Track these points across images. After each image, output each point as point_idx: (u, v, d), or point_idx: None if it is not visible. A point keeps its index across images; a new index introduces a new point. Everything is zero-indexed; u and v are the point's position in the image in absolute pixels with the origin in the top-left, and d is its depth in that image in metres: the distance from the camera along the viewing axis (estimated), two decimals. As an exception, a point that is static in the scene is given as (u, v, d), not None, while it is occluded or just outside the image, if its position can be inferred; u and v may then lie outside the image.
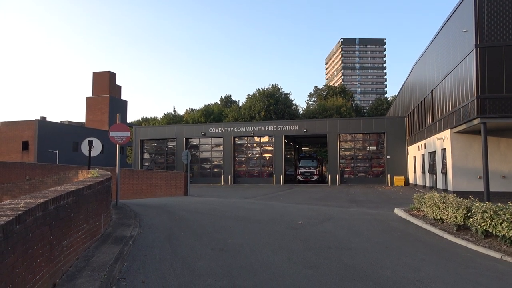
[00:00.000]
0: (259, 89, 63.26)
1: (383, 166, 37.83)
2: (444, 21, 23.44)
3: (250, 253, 7.57)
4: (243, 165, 42.28)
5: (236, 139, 41.86)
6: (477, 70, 18.17)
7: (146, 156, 45.51)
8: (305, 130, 39.22)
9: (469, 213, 9.45)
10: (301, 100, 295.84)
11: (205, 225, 10.49)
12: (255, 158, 42.47)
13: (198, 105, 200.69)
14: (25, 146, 47.75)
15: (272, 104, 59.46)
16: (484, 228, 8.76)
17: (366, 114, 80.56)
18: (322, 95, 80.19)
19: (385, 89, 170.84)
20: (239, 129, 41.45)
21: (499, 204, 8.80)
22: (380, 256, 7.60)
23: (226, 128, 41.80)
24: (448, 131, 22.18)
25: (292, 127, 40.03)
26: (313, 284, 5.82)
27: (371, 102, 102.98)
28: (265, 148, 42.09)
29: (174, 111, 74.92)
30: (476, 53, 18.25)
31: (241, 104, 69.78)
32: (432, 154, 26.77)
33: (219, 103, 75.25)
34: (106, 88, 63.67)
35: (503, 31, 18.21)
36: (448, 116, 22.62)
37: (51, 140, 48.86)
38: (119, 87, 67.67)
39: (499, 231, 8.27)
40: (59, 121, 63.13)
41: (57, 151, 48.35)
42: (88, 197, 6.79)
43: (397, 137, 37.13)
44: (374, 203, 20.25)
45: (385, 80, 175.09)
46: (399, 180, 35.55)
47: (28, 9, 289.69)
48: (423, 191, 25.97)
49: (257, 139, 42.04)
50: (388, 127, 37.60)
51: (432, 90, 26.54)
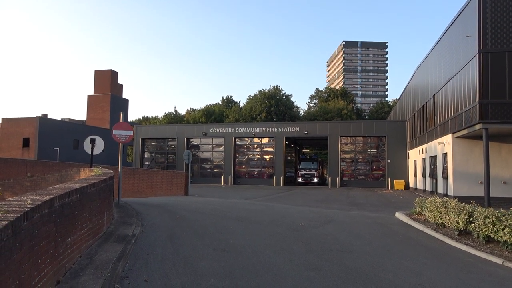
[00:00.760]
0: (260, 90, 63.30)
1: (383, 170, 37.84)
2: (447, 26, 23.48)
3: (252, 254, 7.58)
4: (244, 166, 42.29)
5: (237, 139, 41.88)
6: (480, 75, 18.20)
7: (146, 155, 45.50)
8: (306, 132, 39.24)
9: (471, 218, 9.46)
10: (302, 102, 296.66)
11: (207, 225, 10.49)
12: (255, 159, 42.48)
13: (199, 105, 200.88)
14: (25, 143, 47.77)
15: (273, 106, 59.46)
16: (486, 233, 8.77)
17: (367, 117, 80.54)
18: (323, 97, 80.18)
19: (386, 93, 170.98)
20: (240, 129, 41.47)
21: (501, 210, 8.81)
22: (382, 259, 7.61)
23: (227, 129, 41.82)
24: (450, 135, 22.19)
25: (293, 129, 40.06)
26: (315, 286, 5.83)
27: (372, 105, 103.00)
28: (266, 149, 42.10)
29: (175, 110, 74.91)
30: (479, 59, 18.29)
31: (242, 104, 69.78)
32: (433, 158, 26.78)
33: (220, 103, 75.21)
34: (107, 86, 63.72)
35: (507, 37, 18.24)
36: (450, 121, 22.63)
37: (51, 138, 48.87)
38: (121, 85, 67.74)
39: (501, 236, 8.28)
40: (60, 119, 63.17)
41: (57, 148, 48.36)
42: (91, 195, 6.80)
43: (398, 140, 37.14)
44: (374, 206, 20.25)
45: (387, 84, 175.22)
46: (399, 184, 35.56)
47: (30, 7, 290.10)
48: (423, 195, 25.94)
49: (257, 140, 42.06)
50: (389, 131, 37.62)
51: (434, 95, 26.56)
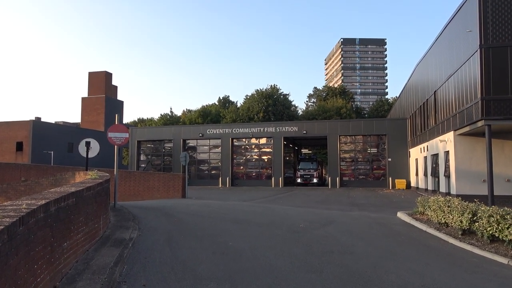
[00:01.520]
0: (257, 89, 63.35)
1: (384, 169, 37.89)
2: (448, 21, 23.54)
3: (251, 256, 7.58)
4: (242, 167, 42.28)
5: (234, 140, 41.87)
6: (482, 71, 18.24)
7: (142, 157, 45.45)
8: (304, 132, 39.26)
9: (475, 217, 9.47)
10: (300, 101, 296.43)
11: (205, 228, 10.49)
12: (253, 160, 42.48)
13: (195, 105, 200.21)
14: (19, 146, 47.61)
15: (271, 105, 59.50)
16: (490, 232, 8.79)
17: (366, 115, 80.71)
18: (321, 96, 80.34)
19: (386, 90, 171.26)
20: (237, 130, 41.46)
21: (505, 208, 8.83)
22: (384, 260, 7.62)
23: (224, 129, 41.81)
24: (452, 133, 22.24)
25: (292, 129, 40.08)
26: (318, 289, 5.83)
27: (371, 103, 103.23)
28: (264, 149, 42.11)
29: (171, 111, 74.93)
30: (481, 54, 18.33)
31: (239, 105, 69.81)
32: (435, 156, 26.84)
33: (216, 103, 75.26)
34: (102, 88, 63.59)
35: (508, 31, 18.30)
36: (451, 118, 22.69)
37: (45, 141, 48.74)
38: (115, 87, 67.60)
39: (506, 235, 8.30)
40: (54, 122, 63.01)
41: (51, 152, 48.24)
42: (87, 198, 6.79)
43: (398, 139, 37.20)
44: (376, 206, 20.28)
45: (386, 81, 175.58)
46: (400, 183, 35.62)
47: (23, 9, 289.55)
48: (425, 194, 26.01)
49: (255, 140, 42.06)
50: (389, 129, 37.68)
51: (435, 91, 26.62)
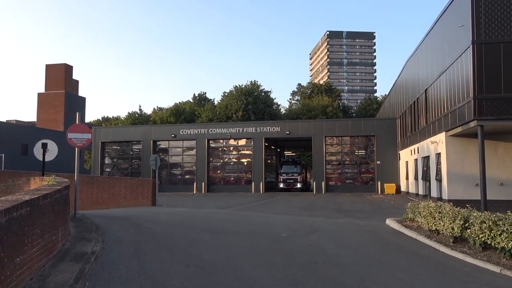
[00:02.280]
0: (236, 86, 63.41)
1: (372, 173, 38.53)
2: (439, 15, 24.16)
3: (228, 269, 7.58)
4: (219, 171, 42.20)
5: (210, 141, 41.76)
6: (474, 68, 18.79)
7: (107, 160, 44.81)
8: (287, 132, 39.52)
9: (467, 224, 9.76)
10: (283, 99, 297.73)
11: (177, 238, 10.44)
12: (231, 163, 42.46)
13: (168, 103, 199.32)
14: (-36, 149, 46.06)
15: (250, 103, 59.61)
16: (483, 239, 9.07)
17: (354, 114, 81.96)
18: (306, 93, 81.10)
19: (375, 88, 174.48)
20: (214, 130, 41.37)
21: (498, 214, 9.12)
22: (372, 271, 7.76)
23: (199, 130, 41.63)
24: (443, 134, 22.82)
25: (273, 129, 40.28)
26: (300, 303, 5.88)
27: (359, 101, 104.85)
28: (243, 152, 42.15)
29: (140, 110, 74.24)
30: (473, 50, 18.87)
31: (216, 102, 69.70)
32: (426, 159, 27.47)
33: (191, 101, 74.96)
34: (61, 82, 62.23)
35: (501, 26, 18.92)
36: (443, 118, 23.28)
37: (-5, 142, 47.34)
38: (76, 81, 66.33)
39: (498, 243, 8.57)
40: (5, 121, 61.28)
41: (2, 154, 46.91)
42: (44, 208, 6.64)
43: (388, 140, 37.91)
44: (363, 213, 20.61)
45: (375, 78, 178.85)
46: (390, 188, 36.29)
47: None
48: (416, 199, 26.56)
49: (234, 142, 42.06)
50: (378, 130, 38.37)
51: (426, 90, 27.26)
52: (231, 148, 42.67)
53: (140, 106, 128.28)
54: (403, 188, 35.64)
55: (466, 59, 19.59)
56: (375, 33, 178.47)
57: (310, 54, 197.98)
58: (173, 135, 41.63)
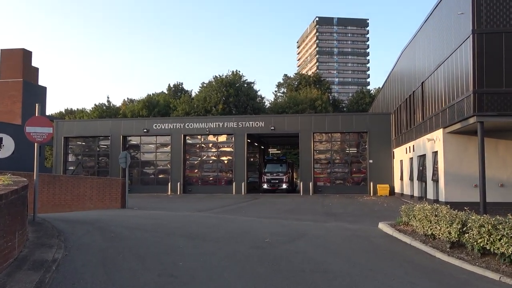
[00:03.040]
0: (216, 76, 63.30)
1: (364, 172, 38.95)
2: (437, 1, 24.47)
3: (206, 279, 7.58)
4: (196, 170, 42.09)
5: (187, 137, 41.58)
6: (474, 60, 19.07)
7: (71, 158, 44.27)
8: (272, 128, 39.62)
9: (465, 228, 9.94)
10: (267, 91, 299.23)
11: (149, 244, 10.39)
12: (210, 162, 42.40)
13: (139, 94, 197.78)
14: None
15: (232, 95, 59.60)
16: (481, 245, 9.25)
17: (345, 109, 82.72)
18: (293, 85, 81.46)
19: (368, 80, 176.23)
20: (191, 125, 41.18)
21: (497, 217, 9.32)
22: (363, 280, 7.85)
23: (174, 124, 41.40)
24: (441, 131, 23.18)
25: (257, 124, 40.33)
26: (285, 315, 5.92)
27: (351, 94, 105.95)
28: (223, 149, 42.12)
29: (108, 101, 73.39)
30: (473, 40, 19.16)
31: (193, 94, 69.47)
32: (422, 158, 27.89)
33: (166, 92, 74.66)
34: (18, 70, 61.07)
35: (503, 15, 19.25)
36: (440, 114, 23.64)
37: None
38: (36, 69, 65.26)
39: (498, 248, 8.76)
40: (-46, 112, 59.82)
41: (-49, 150, 45.89)
42: (-2, 210, 6.52)
43: (381, 137, 38.35)
44: (354, 216, 20.84)
45: (368, 69, 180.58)
46: (383, 189, 36.74)
47: None
48: (410, 202, 26.92)
49: (213, 138, 41.99)
50: (371, 126, 38.77)
51: (423, 82, 27.65)
52: (210, 145, 42.57)
53: (108, 98, 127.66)
54: (397, 189, 36.13)
55: (466, 50, 19.88)
56: (368, 20, 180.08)
57: (297, 42, 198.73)
58: (145, 130, 41.30)
